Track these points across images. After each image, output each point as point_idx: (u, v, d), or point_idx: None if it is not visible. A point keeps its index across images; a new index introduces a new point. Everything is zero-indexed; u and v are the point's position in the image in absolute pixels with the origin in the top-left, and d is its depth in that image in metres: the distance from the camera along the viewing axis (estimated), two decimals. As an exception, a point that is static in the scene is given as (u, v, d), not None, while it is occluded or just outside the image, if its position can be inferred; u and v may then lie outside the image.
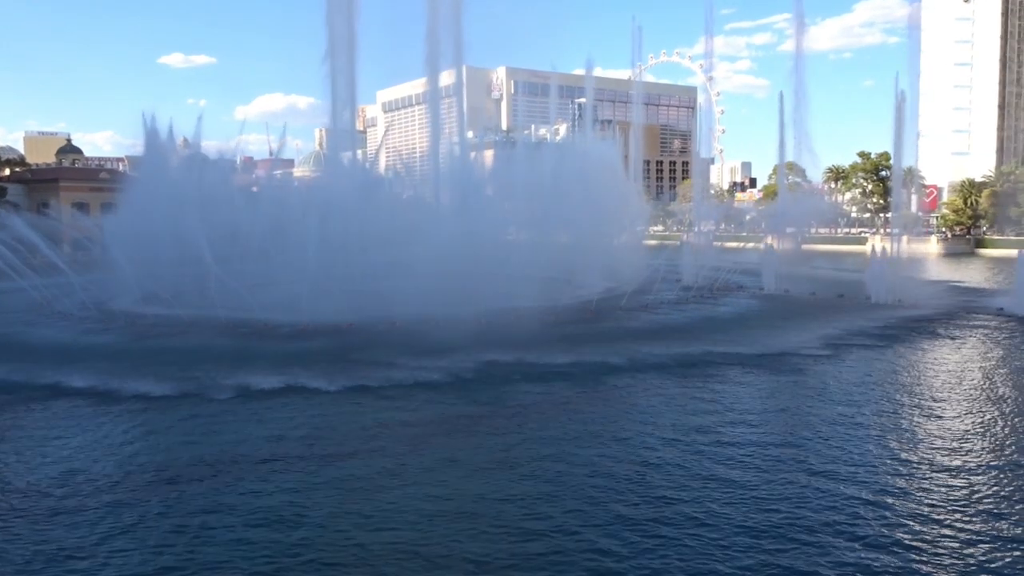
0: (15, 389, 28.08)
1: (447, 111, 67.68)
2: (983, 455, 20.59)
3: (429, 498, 17.63)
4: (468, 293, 40.21)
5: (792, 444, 21.43)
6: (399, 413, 25.33)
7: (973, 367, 32.51)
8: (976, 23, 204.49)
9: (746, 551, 14.64)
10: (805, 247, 72.05)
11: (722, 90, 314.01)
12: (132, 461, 20.53)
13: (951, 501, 17.13)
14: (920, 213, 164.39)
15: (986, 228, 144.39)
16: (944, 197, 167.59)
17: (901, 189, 68.68)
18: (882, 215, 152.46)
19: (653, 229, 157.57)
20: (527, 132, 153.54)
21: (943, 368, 32.20)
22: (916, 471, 19.24)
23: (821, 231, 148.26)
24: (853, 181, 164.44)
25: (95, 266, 51.79)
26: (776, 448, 21.04)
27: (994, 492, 17.78)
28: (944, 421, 23.97)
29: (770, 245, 64.33)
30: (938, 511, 16.56)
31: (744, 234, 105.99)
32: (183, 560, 14.62)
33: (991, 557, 14.49)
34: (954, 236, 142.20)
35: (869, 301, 51.02)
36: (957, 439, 21.97)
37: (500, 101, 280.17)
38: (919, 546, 14.91)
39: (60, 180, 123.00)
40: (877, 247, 59.17)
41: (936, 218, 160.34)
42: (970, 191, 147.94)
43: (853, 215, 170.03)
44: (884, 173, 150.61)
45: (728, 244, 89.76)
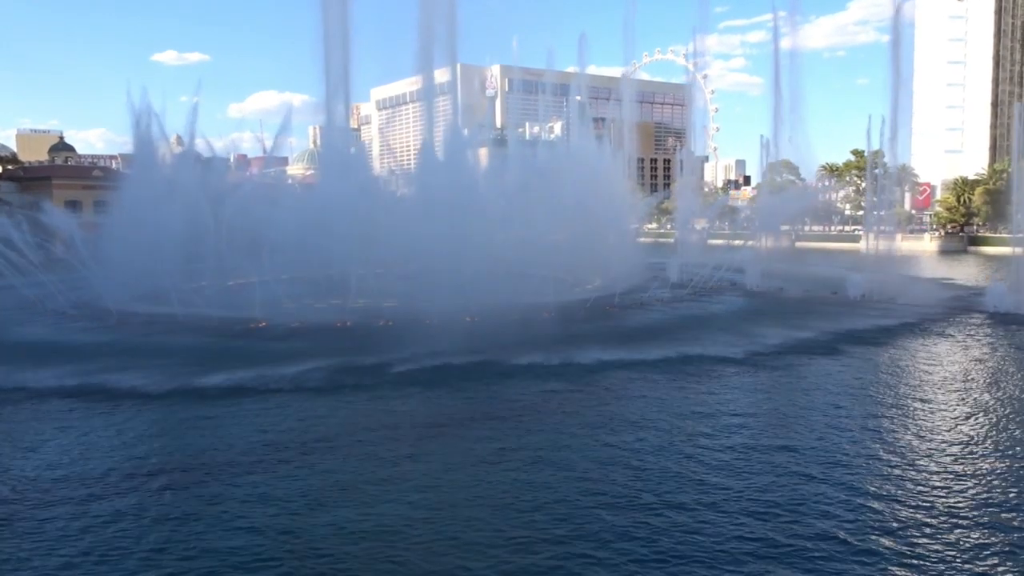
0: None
1: (441, 109, 67.63)
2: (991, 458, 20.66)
3: (418, 497, 17.63)
4: (460, 291, 40.21)
5: (788, 446, 21.45)
6: (390, 412, 25.31)
7: (969, 365, 32.61)
8: (969, 21, 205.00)
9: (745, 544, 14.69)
10: (799, 244, 72.30)
11: (716, 88, 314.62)
12: (114, 459, 20.47)
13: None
14: (914, 211, 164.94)
15: (978, 226, 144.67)
16: (937, 195, 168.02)
17: (873, 192, 69.01)
18: (875, 213, 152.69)
19: (648, 227, 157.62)
20: (521, 130, 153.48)
21: (936, 366, 32.30)
22: (906, 470, 19.31)
23: (815, 229, 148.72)
24: (847, 179, 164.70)
25: (66, 265, 51.72)
26: (773, 449, 21.08)
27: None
28: (937, 420, 24.06)
29: (756, 244, 64.60)
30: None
31: (738, 232, 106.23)
32: (176, 557, 14.59)
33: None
34: (947, 234, 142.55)
35: (861, 299, 51.16)
36: (956, 438, 22.05)
37: (495, 99, 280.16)
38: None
39: (53, 178, 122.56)
40: (869, 245, 59.36)
41: (929, 215, 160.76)
42: (963, 189, 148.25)
43: (847, 212, 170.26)
44: (878, 171, 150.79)
45: (713, 242, 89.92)
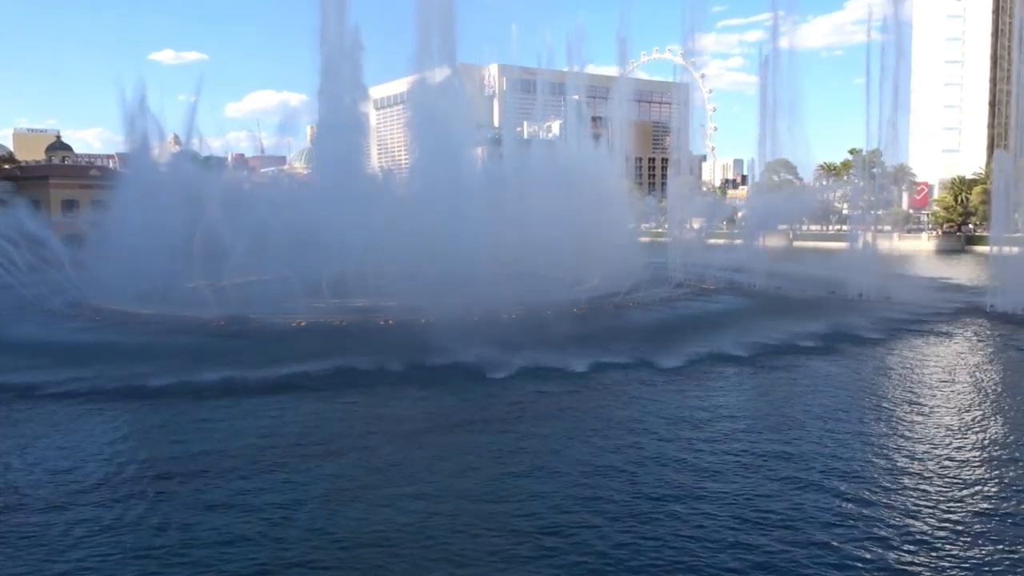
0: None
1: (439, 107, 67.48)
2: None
3: (419, 496, 17.62)
4: (459, 291, 40.33)
5: (786, 452, 21.47)
6: (390, 411, 25.32)
7: (968, 366, 32.69)
8: (967, 21, 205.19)
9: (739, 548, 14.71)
10: (797, 244, 72.39)
11: (714, 87, 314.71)
12: (116, 459, 20.44)
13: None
14: (911, 210, 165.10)
15: (975, 225, 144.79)
16: (935, 194, 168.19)
17: (870, 192, 69.04)
18: (873, 212, 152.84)
19: (646, 226, 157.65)
20: (519, 129, 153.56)
21: (935, 366, 32.38)
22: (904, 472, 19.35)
23: (812, 228, 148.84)
24: (844, 178, 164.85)
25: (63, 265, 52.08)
26: (771, 455, 21.11)
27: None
28: (937, 419, 24.11)
29: (754, 243, 64.75)
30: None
31: (736, 231, 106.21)
32: (166, 562, 14.58)
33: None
34: (945, 233, 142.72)
35: (860, 298, 51.23)
36: (952, 438, 22.10)
37: (492, 98, 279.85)
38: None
39: (50, 177, 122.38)
40: (863, 243, 59.51)
41: (927, 215, 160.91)
42: (961, 188, 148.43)
43: (845, 212, 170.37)
44: (876, 170, 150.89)
45: (712, 241, 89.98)
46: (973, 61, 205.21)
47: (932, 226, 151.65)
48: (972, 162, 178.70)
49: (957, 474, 18.85)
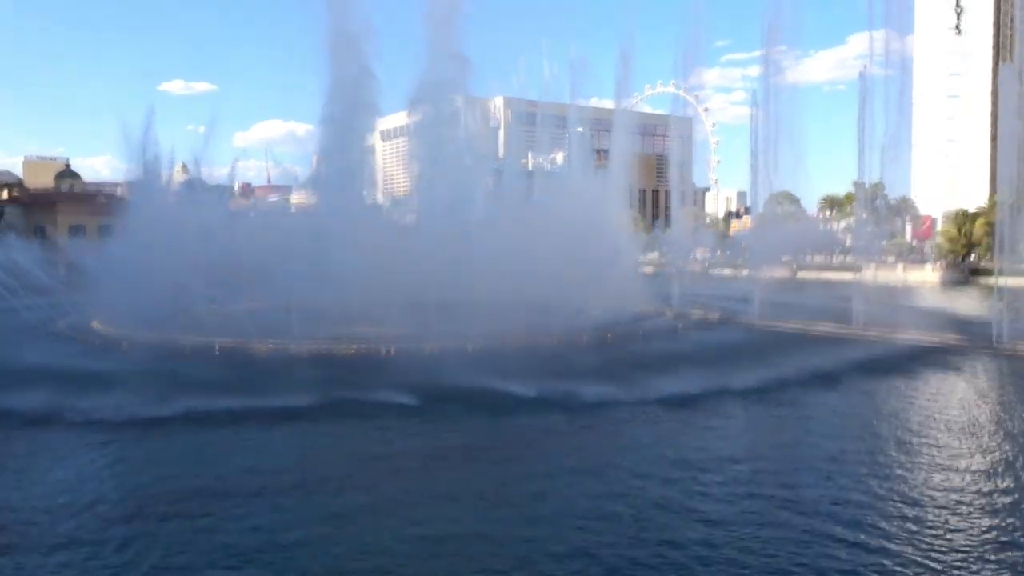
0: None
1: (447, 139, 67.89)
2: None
3: (411, 535, 17.28)
4: (462, 321, 40.25)
5: (791, 499, 21.12)
6: (388, 444, 25.02)
7: (977, 400, 32.30)
8: (968, 56, 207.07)
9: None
10: (800, 275, 72.31)
11: (718, 120, 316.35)
12: (108, 492, 20.18)
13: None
14: (915, 241, 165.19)
15: (979, 257, 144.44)
16: (938, 226, 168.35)
17: (874, 223, 69.23)
18: (877, 243, 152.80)
19: (650, 256, 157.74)
20: (524, 161, 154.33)
21: (943, 400, 32.00)
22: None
23: (816, 259, 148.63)
24: (848, 210, 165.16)
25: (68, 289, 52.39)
26: (777, 500, 20.77)
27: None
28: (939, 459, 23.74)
29: (758, 273, 64.67)
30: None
31: (739, 261, 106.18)
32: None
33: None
34: (949, 264, 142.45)
35: (866, 331, 50.84)
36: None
37: (497, 129, 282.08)
38: None
39: (58, 203, 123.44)
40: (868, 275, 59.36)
41: (931, 246, 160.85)
42: (964, 220, 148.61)
43: (848, 243, 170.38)
44: (879, 202, 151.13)
45: (715, 271, 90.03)
46: (974, 96, 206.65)
47: (936, 258, 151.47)
48: (975, 195, 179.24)
49: (978, 523, 18.30)
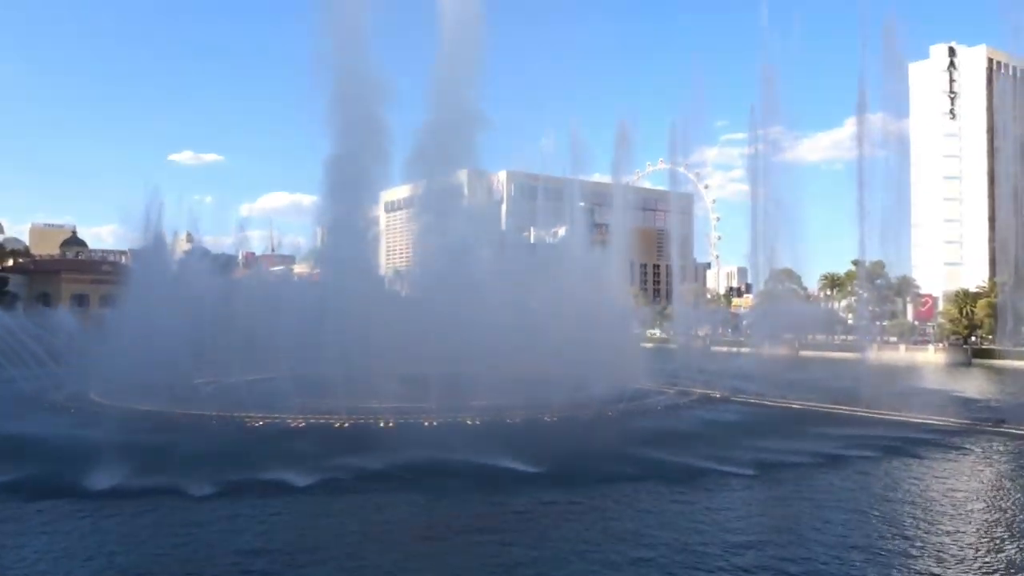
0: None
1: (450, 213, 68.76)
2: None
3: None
4: (462, 393, 39.99)
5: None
6: (384, 518, 24.43)
7: (985, 484, 31.64)
8: (963, 139, 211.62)
9: None
10: (803, 353, 72.05)
11: (718, 197, 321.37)
12: (96, 568, 19.58)
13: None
14: (916, 322, 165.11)
15: (981, 338, 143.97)
16: (939, 306, 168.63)
17: (875, 302, 69.54)
18: (878, 323, 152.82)
19: (650, 332, 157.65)
20: (526, 234, 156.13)
21: (950, 483, 31.31)
22: None
23: (817, 337, 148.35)
24: (848, 289, 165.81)
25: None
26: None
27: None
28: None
29: (759, 351, 64.44)
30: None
31: (740, 339, 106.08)
32: None
33: None
34: (951, 345, 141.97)
35: (873, 411, 50.15)
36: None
37: (501, 203, 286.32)
38: None
39: (62, 272, 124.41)
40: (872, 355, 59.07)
41: (933, 327, 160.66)
42: (965, 301, 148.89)
43: (850, 322, 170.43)
44: (880, 282, 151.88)
45: (716, 348, 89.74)
46: (970, 178, 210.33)
47: (938, 338, 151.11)
48: (975, 275, 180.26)
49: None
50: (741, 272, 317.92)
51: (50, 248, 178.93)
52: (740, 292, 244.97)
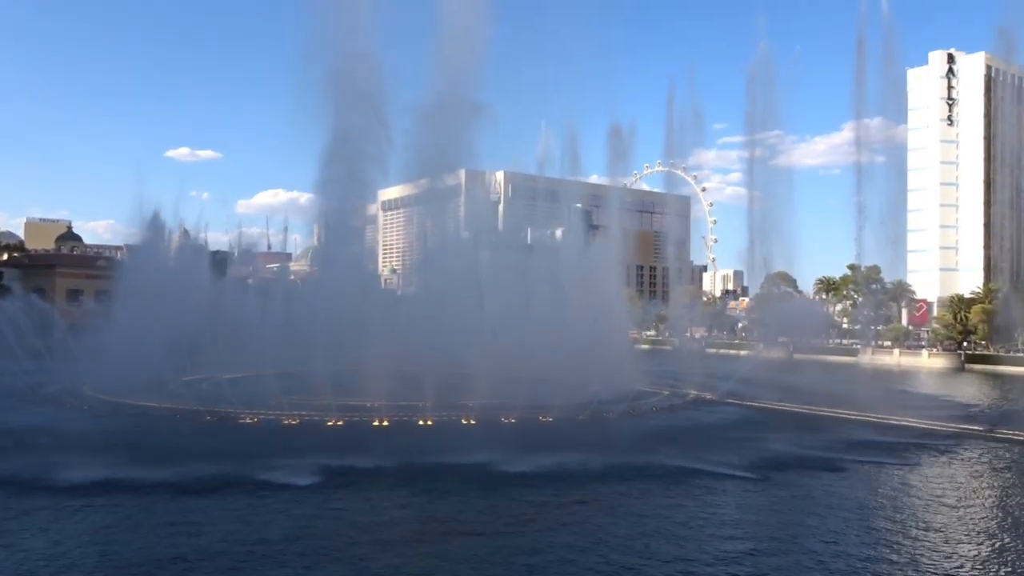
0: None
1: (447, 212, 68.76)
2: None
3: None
4: (458, 393, 39.97)
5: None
6: (381, 517, 24.33)
7: (979, 488, 31.69)
8: (961, 146, 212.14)
9: None
10: (797, 356, 72.01)
11: (715, 200, 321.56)
12: (91, 562, 19.50)
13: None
14: (911, 327, 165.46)
15: (976, 344, 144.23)
16: (934, 312, 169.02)
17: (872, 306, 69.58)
18: (873, 327, 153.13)
19: (646, 333, 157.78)
20: (523, 234, 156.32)
21: (943, 487, 31.37)
22: None
23: (812, 341, 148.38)
24: (844, 293, 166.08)
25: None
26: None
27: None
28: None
29: (754, 353, 64.47)
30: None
31: (735, 341, 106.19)
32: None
33: None
34: (945, 350, 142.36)
35: (867, 415, 50.21)
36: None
37: (498, 203, 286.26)
38: None
39: (57, 266, 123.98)
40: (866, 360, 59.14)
41: (927, 332, 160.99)
42: (960, 307, 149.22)
43: (844, 326, 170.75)
44: (875, 286, 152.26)
45: (710, 350, 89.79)
46: (967, 184, 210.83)
47: (932, 343, 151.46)
48: (970, 281, 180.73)
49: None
50: (737, 275, 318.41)
51: (45, 243, 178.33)
52: (736, 295, 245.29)
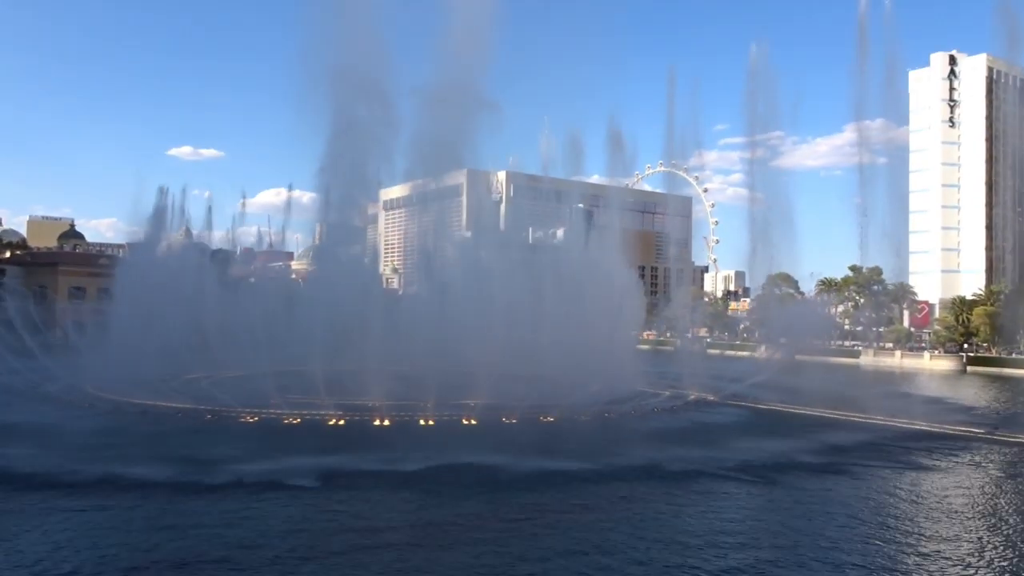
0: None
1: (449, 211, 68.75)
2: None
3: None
4: (458, 392, 39.96)
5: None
6: (379, 518, 24.33)
7: (978, 491, 31.62)
8: (963, 147, 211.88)
9: None
10: (799, 357, 71.95)
11: (717, 201, 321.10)
12: (88, 561, 19.51)
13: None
14: (912, 328, 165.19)
15: (977, 346, 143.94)
16: (936, 313, 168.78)
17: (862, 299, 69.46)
18: (875, 329, 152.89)
19: (647, 334, 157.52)
20: (525, 234, 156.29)
21: (946, 491, 31.32)
22: None
23: (813, 342, 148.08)
24: (845, 294, 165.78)
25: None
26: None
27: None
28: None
29: (756, 355, 64.40)
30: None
31: (737, 342, 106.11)
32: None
33: None
34: (947, 352, 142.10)
35: (870, 417, 50.06)
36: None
37: (500, 203, 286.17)
38: None
39: (59, 264, 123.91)
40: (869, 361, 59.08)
41: (929, 334, 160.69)
42: (961, 308, 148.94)
43: (846, 327, 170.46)
44: (876, 287, 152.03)
45: (712, 351, 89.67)
46: (969, 186, 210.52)
47: (934, 345, 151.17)
48: (971, 283, 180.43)
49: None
50: (739, 276, 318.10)
51: (48, 241, 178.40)
52: (737, 296, 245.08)
